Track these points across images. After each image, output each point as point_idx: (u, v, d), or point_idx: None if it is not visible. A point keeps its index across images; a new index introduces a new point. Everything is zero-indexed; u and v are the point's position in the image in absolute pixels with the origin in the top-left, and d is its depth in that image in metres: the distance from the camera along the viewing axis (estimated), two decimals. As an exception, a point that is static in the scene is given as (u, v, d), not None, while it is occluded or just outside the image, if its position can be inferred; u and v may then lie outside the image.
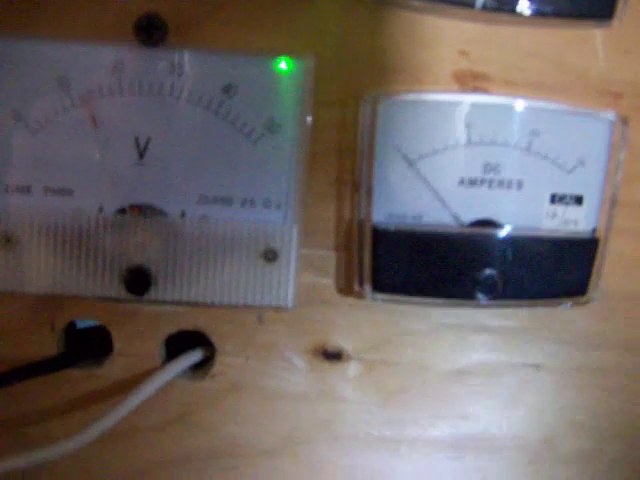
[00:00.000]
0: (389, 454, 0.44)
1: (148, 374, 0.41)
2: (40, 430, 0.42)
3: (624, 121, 0.40)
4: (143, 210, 0.39)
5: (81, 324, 0.42)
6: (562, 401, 0.44)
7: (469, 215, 0.41)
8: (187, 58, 0.38)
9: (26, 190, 0.39)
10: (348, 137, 0.40)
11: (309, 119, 0.39)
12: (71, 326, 0.42)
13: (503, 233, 0.40)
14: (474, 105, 0.40)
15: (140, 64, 0.38)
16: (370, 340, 0.42)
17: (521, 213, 0.41)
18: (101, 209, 0.39)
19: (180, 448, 0.43)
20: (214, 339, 0.42)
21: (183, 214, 0.39)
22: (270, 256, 0.39)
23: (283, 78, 0.39)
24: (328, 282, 0.41)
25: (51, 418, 0.42)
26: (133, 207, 0.39)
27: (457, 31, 0.40)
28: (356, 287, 0.41)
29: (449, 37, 0.40)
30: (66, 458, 0.38)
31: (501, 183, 0.41)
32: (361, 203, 0.40)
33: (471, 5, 0.38)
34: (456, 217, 0.41)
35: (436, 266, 0.40)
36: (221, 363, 0.42)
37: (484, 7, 0.38)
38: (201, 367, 0.43)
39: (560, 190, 0.41)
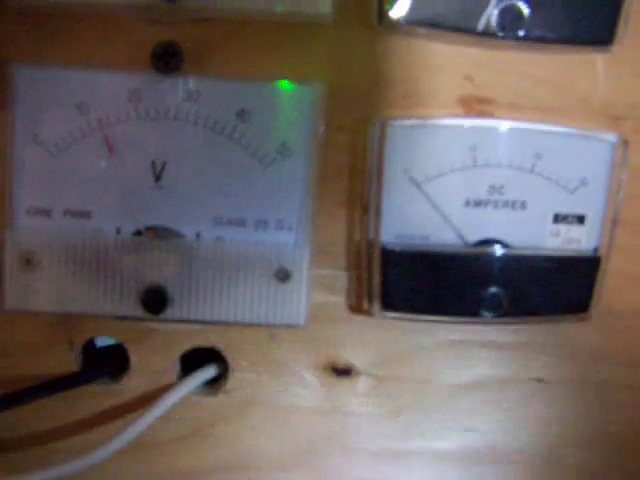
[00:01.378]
0: (398, 466, 0.45)
1: (164, 390, 0.42)
2: (60, 446, 0.43)
3: (625, 143, 0.42)
4: (159, 232, 0.41)
5: (100, 343, 0.44)
6: (566, 414, 0.45)
7: (474, 235, 0.42)
8: (202, 85, 0.40)
9: (46, 212, 0.40)
10: (358, 160, 0.41)
11: (320, 143, 0.40)
12: (89, 345, 0.43)
13: (508, 252, 0.42)
14: (479, 129, 0.41)
15: (156, 91, 0.40)
16: (379, 356, 0.44)
17: (525, 233, 0.42)
18: (118, 231, 0.41)
19: (195, 462, 0.44)
20: (228, 356, 0.43)
21: (198, 235, 0.41)
22: (282, 276, 0.41)
23: (295, 103, 0.40)
24: (339, 300, 0.43)
25: (70, 434, 0.43)
26: (149, 229, 0.41)
27: (462, 57, 0.41)
28: (366, 305, 0.42)
29: (455, 63, 0.41)
30: (84, 472, 0.40)
31: (506, 204, 0.42)
32: (370, 224, 0.41)
33: (472, 30, 0.39)
34: (462, 237, 0.42)
35: (443, 285, 0.41)
36: (235, 379, 0.43)
37: (485, 32, 0.39)
38: (215, 383, 0.44)
39: (563, 210, 0.42)
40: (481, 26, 0.39)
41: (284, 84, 0.40)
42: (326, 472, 0.45)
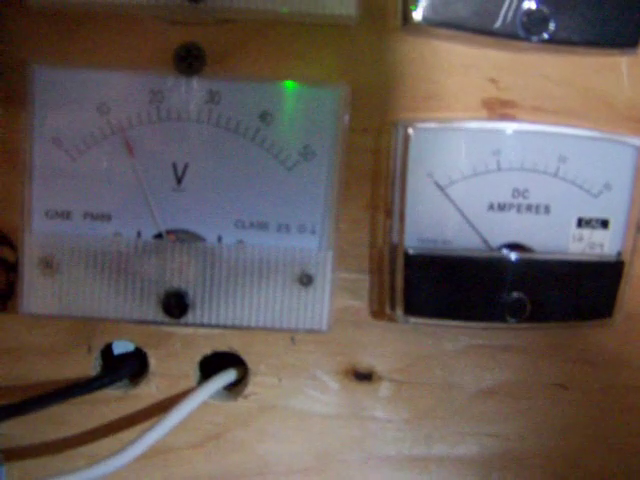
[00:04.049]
0: (419, 472, 0.45)
1: (183, 394, 0.42)
2: (78, 452, 0.43)
3: (649, 147, 0.41)
4: (180, 235, 0.40)
5: (118, 350, 0.43)
6: (588, 420, 0.45)
7: (498, 239, 0.42)
8: (224, 86, 0.39)
9: (66, 215, 0.40)
10: (381, 163, 0.41)
11: (343, 146, 0.40)
12: (108, 351, 0.43)
13: (531, 257, 0.41)
14: (503, 132, 0.41)
15: (178, 92, 0.39)
16: (400, 361, 0.43)
17: (548, 237, 0.42)
18: (139, 234, 0.40)
19: (214, 467, 0.44)
20: (248, 360, 0.43)
21: (220, 239, 0.40)
22: (305, 280, 0.40)
23: (318, 105, 0.40)
24: (361, 305, 0.42)
25: (89, 439, 0.43)
26: (170, 232, 0.40)
27: (486, 59, 0.41)
28: (388, 310, 0.42)
29: (479, 65, 0.41)
30: (102, 477, 0.39)
31: (529, 208, 0.41)
32: (393, 228, 0.41)
33: (496, 33, 0.39)
34: (485, 241, 0.41)
35: (466, 289, 0.41)
36: (254, 383, 0.43)
37: (509, 34, 0.39)
38: (235, 387, 0.44)
39: (586, 214, 0.42)
40: (505, 29, 0.39)
41: (307, 86, 0.40)
42: (345, 478, 0.45)
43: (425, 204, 0.41)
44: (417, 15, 0.38)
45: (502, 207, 0.41)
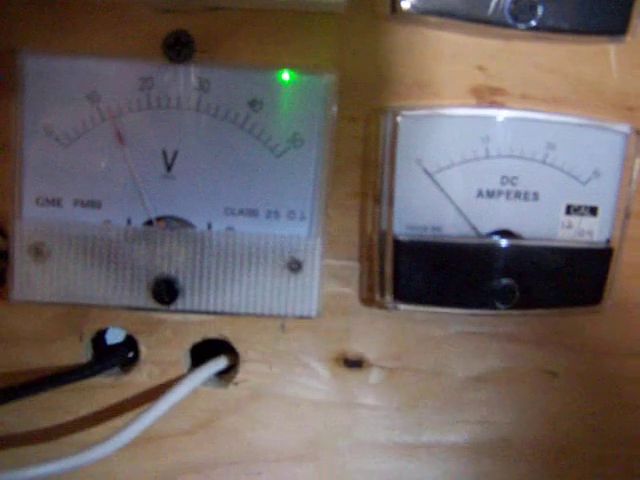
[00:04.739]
0: (409, 459, 0.45)
1: (174, 381, 0.42)
2: (69, 438, 0.43)
3: (638, 133, 0.41)
4: (170, 222, 0.40)
5: (111, 340, 0.43)
6: (578, 407, 0.45)
7: (487, 226, 0.42)
8: (213, 74, 0.39)
9: (56, 202, 0.40)
10: (370, 150, 0.41)
11: (332, 133, 0.40)
12: (100, 339, 0.43)
13: (520, 243, 0.41)
14: (491, 119, 0.41)
15: (168, 80, 0.39)
16: (390, 348, 0.43)
17: (537, 224, 0.42)
18: (129, 221, 0.40)
19: (204, 454, 0.44)
20: (238, 347, 0.43)
21: (209, 226, 0.40)
22: (295, 267, 0.40)
23: (307, 93, 0.40)
24: (351, 292, 0.42)
25: (80, 426, 0.43)
26: (160, 219, 0.40)
27: (475, 47, 0.41)
28: (377, 297, 0.42)
29: (467, 53, 0.41)
30: (93, 464, 0.39)
31: (518, 195, 0.42)
32: (382, 215, 0.41)
33: (484, 20, 0.39)
34: (474, 228, 0.42)
35: (455, 276, 0.41)
36: (245, 370, 0.43)
37: (497, 22, 0.39)
38: (225, 374, 0.44)
39: (575, 201, 0.42)
40: (493, 16, 0.39)
41: (296, 74, 0.40)
42: (336, 465, 0.45)
43: (414, 191, 0.41)
44: (406, 3, 0.38)
45: (491, 194, 0.41)
